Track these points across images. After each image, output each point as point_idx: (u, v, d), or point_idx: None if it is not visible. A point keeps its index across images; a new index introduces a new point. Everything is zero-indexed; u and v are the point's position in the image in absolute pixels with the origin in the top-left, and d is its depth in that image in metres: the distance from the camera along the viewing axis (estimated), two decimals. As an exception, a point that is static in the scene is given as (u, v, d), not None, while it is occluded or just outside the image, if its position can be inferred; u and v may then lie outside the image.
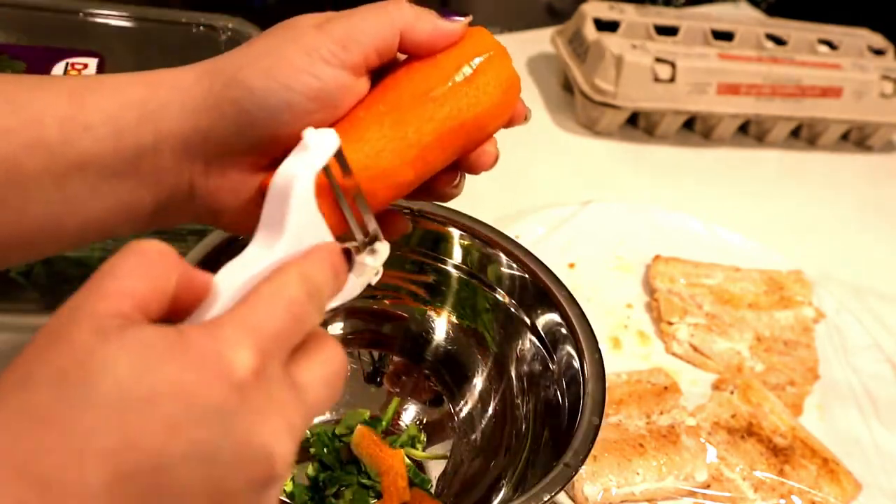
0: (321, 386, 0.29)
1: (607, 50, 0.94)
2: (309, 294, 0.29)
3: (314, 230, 0.31)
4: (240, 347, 0.26)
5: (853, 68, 1.03)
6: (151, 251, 0.27)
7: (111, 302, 0.26)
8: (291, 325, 0.28)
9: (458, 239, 0.57)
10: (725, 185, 0.98)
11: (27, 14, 0.68)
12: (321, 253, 0.30)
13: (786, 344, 0.74)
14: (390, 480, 0.53)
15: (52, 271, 0.61)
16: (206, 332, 0.26)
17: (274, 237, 0.30)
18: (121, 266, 0.27)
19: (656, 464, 0.60)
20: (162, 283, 0.27)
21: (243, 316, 0.27)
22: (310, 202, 0.31)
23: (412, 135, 0.37)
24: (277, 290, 0.28)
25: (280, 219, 0.30)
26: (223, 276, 0.29)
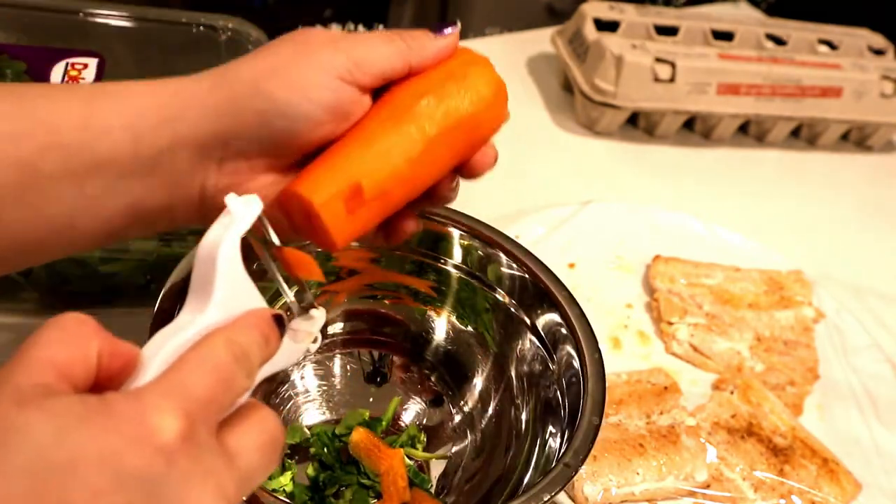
0: (255, 453, 0.28)
1: (607, 50, 0.94)
2: (236, 358, 0.28)
3: (244, 296, 0.31)
4: (165, 411, 0.25)
5: (853, 68, 1.03)
6: (70, 322, 0.27)
7: (33, 372, 0.25)
8: (219, 390, 0.27)
9: (458, 239, 0.57)
10: (725, 185, 0.98)
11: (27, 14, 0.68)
12: (249, 319, 0.30)
13: (786, 344, 0.74)
14: (390, 480, 0.53)
15: (52, 271, 0.61)
16: (129, 397, 0.25)
17: (202, 304, 0.30)
18: (41, 337, 0.26)
19: (656, 464, 0.60)
20: (82, 350, 0.27)
21: (168, 381, 0.26)
22: (237, 268, 0.31)
23: (415, 132, 0.39)
24: (203, 354, 0.28)
25: (207, 286, 0.30)
26: (151, 346, 0.29)
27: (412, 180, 0.40)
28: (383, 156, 0.39)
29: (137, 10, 0.70)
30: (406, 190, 0.40)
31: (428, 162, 0.40)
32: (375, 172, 0.38)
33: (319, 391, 0.59)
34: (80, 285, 0.62)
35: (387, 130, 0.39)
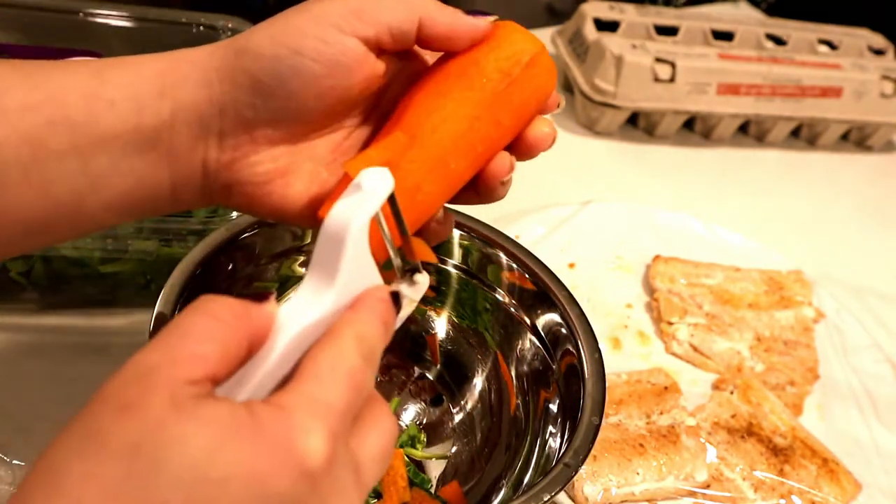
0: (377, 463, 0.29)
1: (607, 50, 0.94)
2: (365, 358, 0.28)
3: (366, 273, 0.31)
4: (312, 433, 0.25)
5: (853, 68, 1.03)
6: (226, 314, 0.27)
7: (185, 368, 0.25)
8: (354, 398, 0.27)
9: (458, 239, 0.57)
10: (725, 185, 0.98)
11: (27, 14, 0.68)
12: (372, 305, 0.30)
13: (786, 344, 0.74)
14: (390, 480, 0.53)
15: (52, 271, 0.61)
16: (278, 415, 0.25)
17: (327, 283, 0.30)
18: (195, 328, 0.26)
19: (656, 464, 0.60)
20: (234, 349, 0.27)
21: (310, 394, 0.26)
22: (363, 247, 0.30)
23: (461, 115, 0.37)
24: (337, 360, 0.28)
25: (333, 264, 0.30)
26: (282, 320, 0.28)
27: (452, 174, 0.37)
28: (429, 177, 0.36)
29: (137, 10, 0.70)
30: (447, 185, 0.38)
31: (468, 148, 0.37)
32: (421, 197, 0.36)
33: (319, 391, 0.59)
34: (80, 285, 0.62)
35: (419, 123, 0.36)
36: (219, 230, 0.51)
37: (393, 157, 0.36)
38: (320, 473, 0.25)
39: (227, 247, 0.51)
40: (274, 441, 0.25)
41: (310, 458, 0.25)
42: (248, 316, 0.27)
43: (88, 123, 0.34)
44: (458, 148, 0.37)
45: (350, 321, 0.29)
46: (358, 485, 0.27)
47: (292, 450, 0.25)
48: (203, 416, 0.24)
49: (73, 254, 0.59)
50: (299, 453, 0.25)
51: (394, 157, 0.36)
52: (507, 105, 0.38)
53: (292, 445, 0.25)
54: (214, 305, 0.27)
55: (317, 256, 0.30)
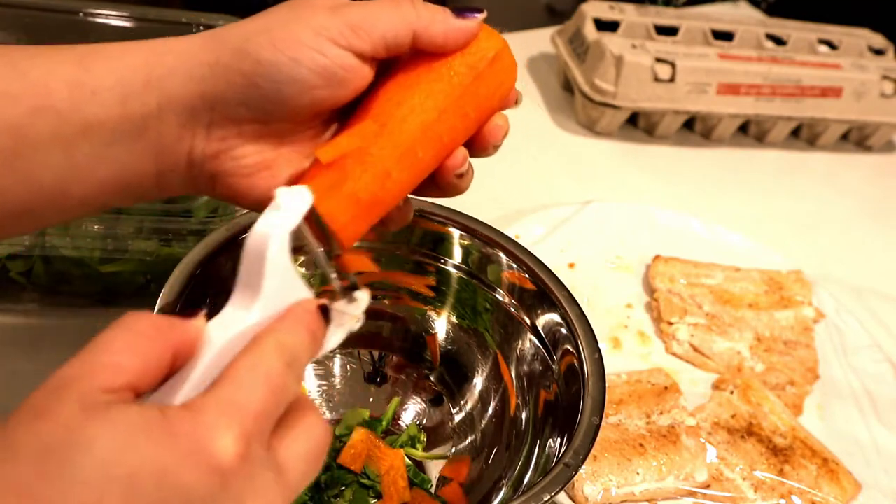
0: (302, 463, 0.29)
1: (607, 50, 0.94)
2: (287, 364, 0.29)
3: (291, 287, 0.32)
4: (223, 431, 0.26)
5: (853, 68, 1.03)
6: (148, 328, 0.27)
7: (100, 377, 0.25)
8: (272, 401, 0.28)
9: (458, 239, 0.57)
10: (725, 185, 0.98)
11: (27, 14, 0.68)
12: (297, 316, 0.31)
13: (786, 344, 0.74)
14: (390, 480, 0.53)
15: (52, 271, 0.61)
16: (188, 415, 0.26)
17: (252, 297, 0.31)
18: (115, 341, 0.27)
19: (656, 464, 0.60)
20: (155, 360, 0.27)
21: (224, 396, 0.27)
22: (285, 261, 0.31)
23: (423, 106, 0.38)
24: (256, 364, 0.28)
25: (257, 279, 0.31)
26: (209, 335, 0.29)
27: (419, 163, 0.38)
28: (400, 162, 0.37)
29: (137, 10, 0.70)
30: (414, 174, 0.39)
31: (434, 139, 0.38)
32: (391, 185, 0.37)
33: (319, 391, 0.59)
34: (80, 285, 0.62)
35: (389, 113, 0.37)
36: (219, 230, 0.51)
37: (363, 144, 0.37)
38: (231, 471, 0.25)
39: (227, 247, 0.51)
40: (183, 438, 0.25)
41: (220, 456, 0.25)
42: (172, 330, 0.28)
43: (72, 111, 0.34)
44: (426, 137, 0.38)
45: (273, 330, 0.30)
46: (280, 485, 0.27)
47: (201, 447, 0.25)
48: (112, 417, 0.24)
49: (73, 254, 0.59)
50: (208, 450, 0.25)
51: (364, 143, 0.37)
52: (472, 98, 0.39)
53: (201, 442, 0.25)
54: (136, 320, 0.27)
55: (242, 273, 0.31)
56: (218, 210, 0.61)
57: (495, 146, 0.41)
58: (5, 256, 0.59)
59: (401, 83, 0.38)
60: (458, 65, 0.38)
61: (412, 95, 0.38)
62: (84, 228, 0.58)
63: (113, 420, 0.24)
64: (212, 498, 0.25)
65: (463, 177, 0.40)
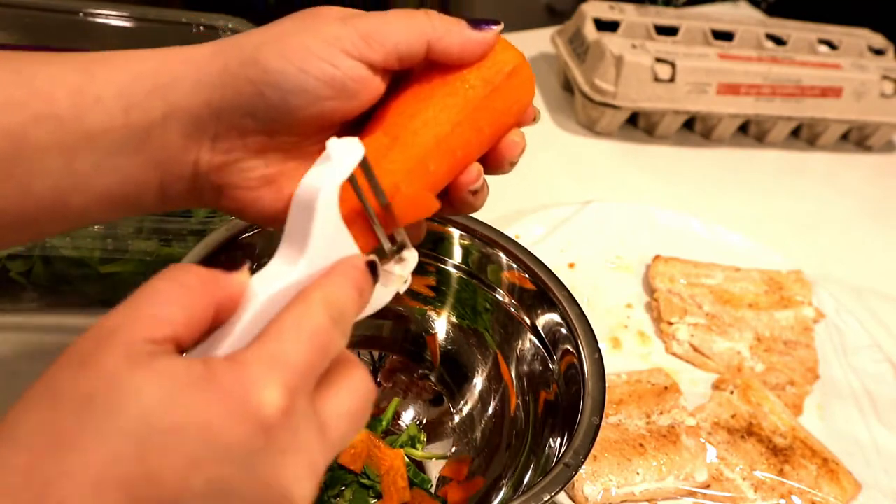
0: (345, 421, 0.29)
1: (607, 50, 0.94)
2: (333, 320, 0.28)
3: (339, 242, 0.31)
4: (267, 385, 0.25)
5: (853, 68, 1.03)
6: (193, 281, 0.27)
7: (145, 327, 0.25)
8: (317, 357, 0.27)
9: (458, 239, 0.57)
10: (725, 185, 0.98)
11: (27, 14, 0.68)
12: (345, 271, 0.30)
13: (786, 344, 0.74)
14: (390, 480, 0.53)
15: (52, 271, 0.61)
16: (233, 368, 0.25)
17: (298, 251, 0.30)
18: (161, 292, 0.27)
19: (656, 464, 0.60)
20: (199, 314, 0.27)
21: (269, 350, 0.26)
22: (334, 215, 0.30)
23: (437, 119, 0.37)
24: (301, 319, 0.28)
25: (304, 232, 0.30)
26: (253, 288, 0.29)
27: (431, 177, 0.37)
28: (401, 158, 0.36)
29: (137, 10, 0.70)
30: (425, 188, 0.37)
31: (447, 153, 0.37)
32: (400, 198, 0.36)
33: (319, 391, 0.59)
34: (80, 285, 0.62)
35: (401, 125, 0.36)
36: (219, 230, 0.51)
37: (374, 157, 0.36)
38: (276, 425, 0.25)
39: (227, 247, 0.51)
40: (228, 392, 0.25)
41: (264, 410, 0.25)
42: (216, 283, 0.28)
43: (74, 119, 0.34)
44: (438, 151, 0.37)
45: (319, 285, 0.29)
46: (322, 442, 0.27)
47: (246, 401, 0.25)
48: (157, 368, 0.24)
49: (73, 254, 0.59)
50: (253, 404, 0.25)
51: (375, 156, 0.36)
52: (487, 113, 0.38)
53: (246, 396, 0.25)
54: (181, 273, 0.27)
55: (289, 226, 0.30)
56: (218, 210, 0.61)
57: (511, 163, 0.41)
58: (5, 256, 0.59)
59: (414, 95, 0.37)
60: (474, 78, 0.38)
61: (426, 108, 0.37)
62: (84, 228, 0.58)
63: (158, 371, 0.24)
64: (255, 452, 0.25)
65: (477, 193, 0.40)
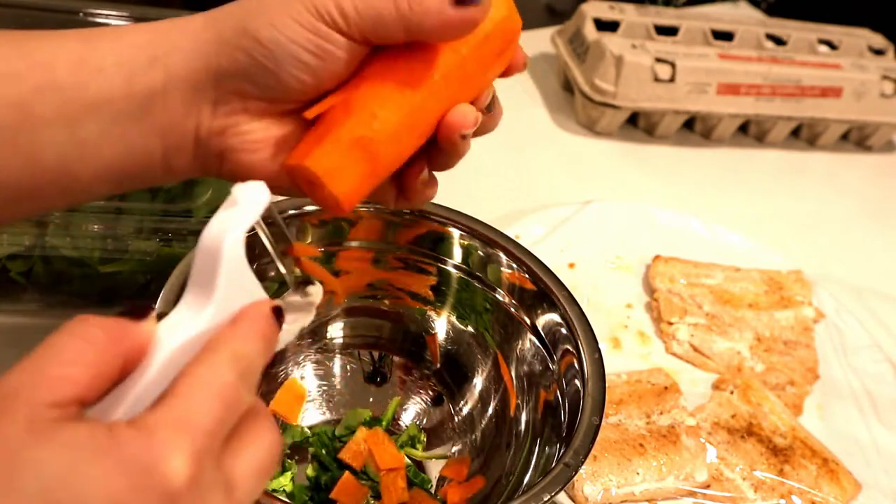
0: (253, 477, 0.28)
1: (607, 50, 0.94)
2: (241, 375, 0.28)
3: (245, 287, 0.31)
4: (174, 453, 0.25)
5: (853, 68, 1.03)
6: (99, 335, 0.26)
7: (48, 390, 0.24)
8: (225, 415, 0.27)
9: (458, 239, 0.57)
10: (725, 185, 0.98)
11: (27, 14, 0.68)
12: (251, 321, 0.29)
13: (786, 344, 0.74)
14: (390, 480, 0.53)
15: (52, 271, 0.61)
16: (139, 436, 0.25)
17: (205, 298, 0.29)
18: (65, 350, 0.26)
19: (656, 464, 0.60)
20: (105, 369, 0.26)
21: (176, 413, 0.26)
22: (240, 261, 0.30)
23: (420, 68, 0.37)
24: (209, 377, 0.27)
25: (210, 280, 0.29)
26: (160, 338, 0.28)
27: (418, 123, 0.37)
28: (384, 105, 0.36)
29: (137, 10, 0.70)
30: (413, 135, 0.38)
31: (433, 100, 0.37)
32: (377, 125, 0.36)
33: (319, 391, 0.59)
34: (80, 285, 0.62)
35: (394, 89, 0.36)
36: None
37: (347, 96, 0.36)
38: (183, 494, 0.24)
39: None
40: (134, 462, 0.24)
41: (171, 479, 0.24)
42: (123, 335, 0.27)
43: (76, 89, 0.34)
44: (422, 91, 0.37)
45: (227, 338, 0.28)
46: (229, 502, 0.27)
47: (153, 471, 0.24)
48: (60, 439, 0.23)
49: (73, 254, 0.59)
50: (160, 474, 0.24)
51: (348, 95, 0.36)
52: (475, 61, 0.38)
53: (153, 466, 0.24)
54: (87, 327, 0.26)
55: (195, 272, 0.30)
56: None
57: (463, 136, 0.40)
58: (5, 256, 0.59)
59: (398, 55, 0.37)
60: None
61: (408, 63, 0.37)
62: (84, 228, 0.58)
63: (60, 442, 0.23)
64: None
65: (465, 139, 0.39)
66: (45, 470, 0.23)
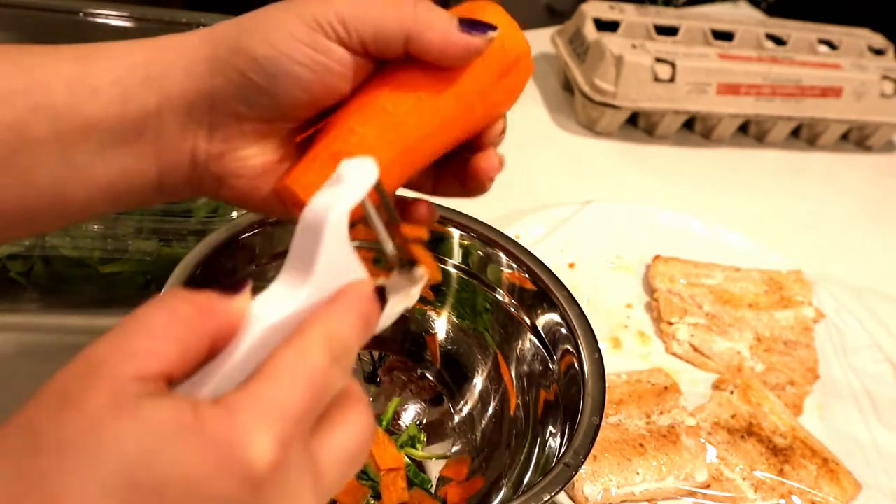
0: (343, 464, 0.27)
1: (607, 50, 0.94)
2: (334, 358, 0.27)
3: (346, 267, 0.29)
4: (258, 436, 0.24)
5: (853, 68, 1.03)
6: (189, 311, 0.25)
7: (134, 363, 0.24)
8: (315, 400, 0.26)
9: (458, 239, 0.57)
10: (725, 185, 0.98)
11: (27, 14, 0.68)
12: (351, 300, 0.28)
13: (786, 344, 0.74)
14: (390, 480, 0.53)
15: (52, 271, 0.61)
16: (223, 416, 0.24)
17: (304, 275, 0.28)
18: (153, 324, 0.25)
19: (656, 464, 0.60)
20: (194, 346, 0.25)
21: (262, 395, 0.25)
22: (343, 239, 0.29)
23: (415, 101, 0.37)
24: (299, 359, 0.26)
25: (310, 256, 0.28)
26: (253, 315, 0.27)
27: (411, 160, 0.37)
28: (365, 122, 0.36)
29: (137, 10, 0.70)
30: (404, 170, 0.37)
31: (423, 123, 0.37)
32: (354, 140, 0.35)
33: (319, 391, 0.59)
34: (80, 285, 0.62)
35: (378, 108, 0.36)
36: (219, 230, 0.51)
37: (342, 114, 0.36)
38: (265, 480, 0.24)
39: (227, 247, 0.51)
40: (216, 444, 0.23)
41: (254, 463, 0.23)
42: (213, 312, 0.26)
43: (71, 110, 0.34)
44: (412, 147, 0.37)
45: (321, 318, 0.27)
46: (317, 489, 0.26)
47: (235, 454, 0.23)
48: (143, 415, 0.23)
49: (73, 254, 0.59)
50: (242, 457, 0.23)
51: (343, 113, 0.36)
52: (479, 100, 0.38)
53: (235, 448, 0.23)
54: (177, 301, 0.25)
55: (294, 249, 0.29)
56: (218, 210, 0.61)
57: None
58: (5, 256, 0.59)
59: (391, 76, 0.37)
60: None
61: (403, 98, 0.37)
62: (84, 228, 0.58)
63: (143, 418, 0.23)
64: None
65: (492, 180, 0.41)
66: (125, 447, 0.22)
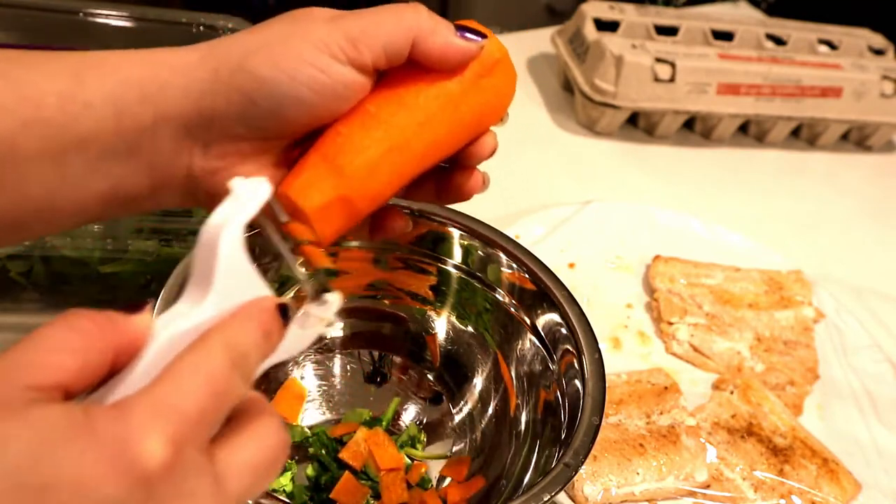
0: (247, 474, 0.27)
1: (607, 50, 0.94)
2: (233, 363, 0.27)
3: (247, 283, 0.30)
4: (150, 434, 0.23)
5: (853, 68, 1.03)
6: (88, 325, 0.25)
7: (30, 374, 0.24)
8: (213, 403, 0.25)
9: (458, 239, 0.57)
10: (725, 185, 0.98)
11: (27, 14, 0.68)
12: (251, 313, 0.28)
13: (786, 344, 0.74)
14: (390, 480, 0.53)
15: (52, 271, 0.61)
16: (115, 416, 0.24)
17: (203, 291, 0.29)
18: (51, 338, 0.25)
19: (656, 464, 0.60)
20: (94, 359, 0.25)
21: (157, 395, 0.24)
22: (239, 255, 0.29)
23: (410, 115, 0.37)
24: (197, 363, 0.26)
25: (209, 272, 0.29)
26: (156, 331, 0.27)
27: (399, 160, 0.38)
28: (349, 122, 0.37)
29: (137, 10, 0.70)
30: (394, 171, 0.38)
31: (421, 148, 0.38)
32: (340, 140, 0.36)
33: (319, 391, 0.59)
34: (80, 285, 0.62)
35: (378, 117, 0.37)
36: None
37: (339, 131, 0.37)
38: (158, 479, 0.23)
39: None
40: (106, 443, 0.23)
41: (144, 462, 0.23)
42: (114, 328, 0.26)
43: (64, 125, 0.33)
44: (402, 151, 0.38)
45: (221, 327, 0.28)
46: (218, 494, 0.25)
47: (126, 453, 0.23)
48: (31, 418, 0.23)
49: (73, 254, 0.59)
50: (132, 455, 0.23)
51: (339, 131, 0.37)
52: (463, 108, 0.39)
53: (125, 446, 0.23)
54: (77, 317, 0.26)
55: (195, 267, 0.29)
56: None
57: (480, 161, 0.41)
58: (5, 256, 0.59)
59: (392, 90, 0.38)
60: None
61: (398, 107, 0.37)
62: (84, 228, 0.58)
63: (31, 421, 0.22)
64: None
65: (485, 184, 0.42)
66: (11, 449, 0.22)
